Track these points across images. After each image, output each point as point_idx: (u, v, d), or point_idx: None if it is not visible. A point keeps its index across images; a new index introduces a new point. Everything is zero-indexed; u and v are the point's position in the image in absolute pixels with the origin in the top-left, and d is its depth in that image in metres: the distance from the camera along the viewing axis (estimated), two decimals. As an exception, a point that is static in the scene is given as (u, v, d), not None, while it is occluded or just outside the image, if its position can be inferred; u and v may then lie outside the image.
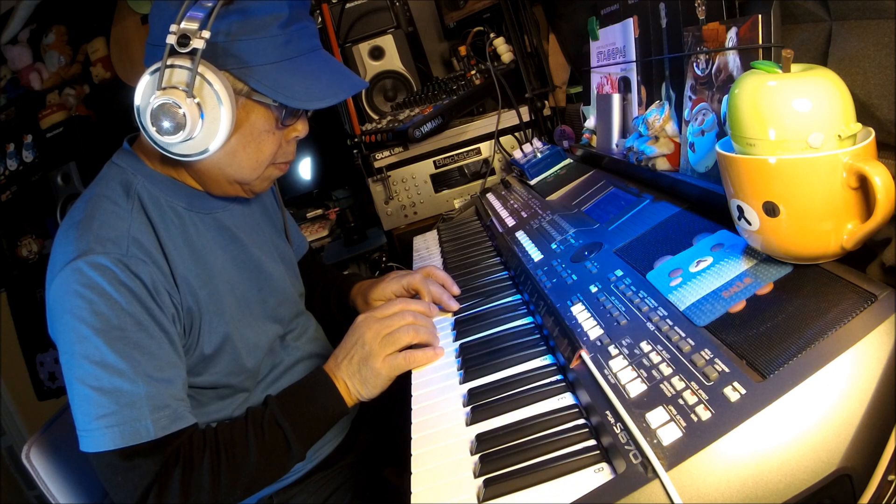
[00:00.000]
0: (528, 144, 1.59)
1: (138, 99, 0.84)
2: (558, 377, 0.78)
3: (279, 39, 0.87)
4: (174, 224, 0.95)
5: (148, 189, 0.95)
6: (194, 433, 0.87)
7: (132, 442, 0.81)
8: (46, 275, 0.88)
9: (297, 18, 0.89)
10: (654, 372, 0.63)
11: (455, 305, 1.10)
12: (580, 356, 0.73)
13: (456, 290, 1.14)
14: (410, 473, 0.70)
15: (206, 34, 0.80)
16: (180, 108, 0.82)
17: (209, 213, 1.02)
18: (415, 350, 0.95)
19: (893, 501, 0.49)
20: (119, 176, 0.95)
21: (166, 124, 0.83)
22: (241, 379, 0.99)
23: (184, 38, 0.80)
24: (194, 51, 0.81)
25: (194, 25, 0.80)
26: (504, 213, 1.43)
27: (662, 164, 1.05)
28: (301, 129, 0.98)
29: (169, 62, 0.82)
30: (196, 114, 0.82)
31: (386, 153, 1.81)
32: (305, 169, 2.36)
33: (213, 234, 1.01)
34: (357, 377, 0.94)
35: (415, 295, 1.15)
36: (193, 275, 0.94)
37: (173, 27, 0.80)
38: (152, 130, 0.84)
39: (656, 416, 0.58)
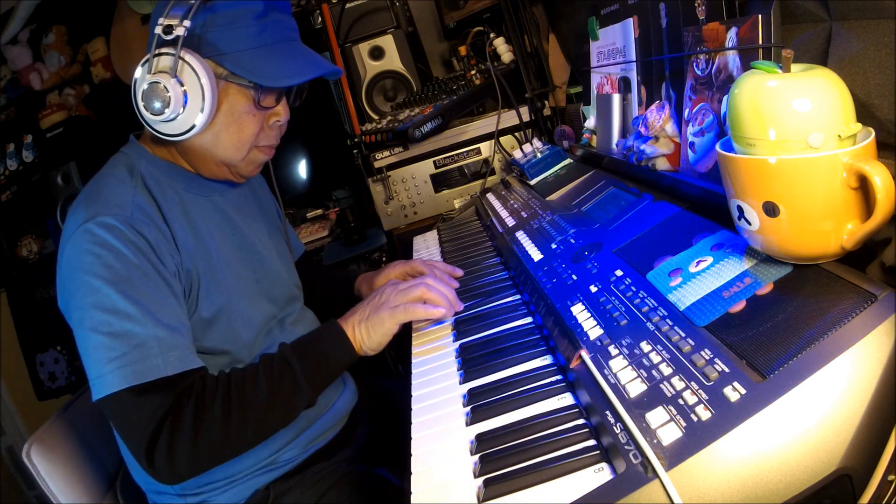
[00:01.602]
0: (528, 144, 1.59)
1: (134, 85, 0.95)
2: (558, 377, 0.78)
3: (253, 29, 0.97)
4: (174, 201, 1.02)
5: (150, 170, 1.03)
6: (206, 374, 0.92)
7: (144, 379, 0.86)
8: (58, 249, 0.95)
9: (272, 11, 0.99)
10: (654, 372, 0.63)
11: (454, 282, 1.18)
12: (580, 356, 0.73)
13: (458, 272, 1.22)
14: (410, 473, 0.70)
15: (187, 23, 0.92)
16: (166, 88, 0.92)
17: (206, 196, 1.09)
18: (416, 304, 1.00)
19: (893, 501, 0.49)
20: (124, 160, 1.04)
21: (156, 104, 0.93)
22: (238, 347, 1.04)
23: (168, 28, 0.91)
24: (177, 38, 0.92)
25: (177, 19, 0.91)
26: (504, 213, 1.43)
27: (662, 164, 1.05)
28: (281, 112, 1.05)
29: (157, 51, 0.93)
30: (180, 93, 0.93)
31: (386, 153, 1.81)
32: (305, 169, 2.36)
33: (210, 214, 1.08)
34: (364, 324, 1.00)
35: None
36: (192, 245, 1.01)
37: (161, 20, 0.92)
38: (144, 111, 0.94)
39: (656, 416, 0.58)
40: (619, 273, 0.85)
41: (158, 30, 0.91)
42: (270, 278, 1.14)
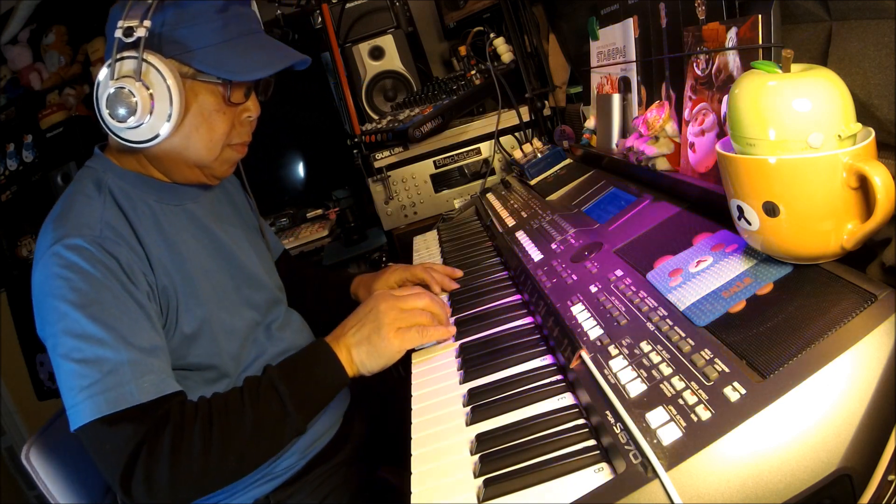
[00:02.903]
0: (528, 144, 1.59)
1: (96, 94, 0.91)
2: (558, 377, 0.78)
3: (217, 24, 0.95)
4: (146, 215, 0.99)
5: (118, 184, 0.99)
6: (185, 401, 0.87)
7: (117, 407, 0.81)
8: (32, 271, 0.90)
9: (235, 5, 0.96)
10: (654, 372, 0.63)
11: (455, 285, 1.19)
12: (580, 356, 0.73)
13: (458, 273, 1.22)
14: (410, 473, 0.70)
15: (148, 23, 0.89)
16: (132, 93, 0.89)
17: (179, 205, 1.06)
18: (427, 326, 0.96)
19: (893, 501, 0.49)
20: (91, 175, 1.00)
21: (121, 111, 0.90)
22: (224, 360, 1.01)
23: (128, 31, 0.88)
24: (138, 40, 0.89)
25: (136, 20, 0.89)
26: (504, 213, 1.43)
27: (662, 164, 1.04)
28: (252, 108, 1.03)
29: (118, 56, 0.90)
30: (146, 97, 0.90)
31: (386, 153, 1.81)
32: (305, 169, 2.36)
33: (184, 223, 1.05)
34: (365, 346, 0.94)
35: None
36: (167, 260, 0.97)
37: (120, 23, 0.88)
38: (110, 120, 0.91)
39: (656, 416, 0.58)
40: (619, 273, 0.85)
41: (118, 33, 0.88)
42: (250, 284, 1.11)
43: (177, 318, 0.96)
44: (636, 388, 0.63)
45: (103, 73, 0.91)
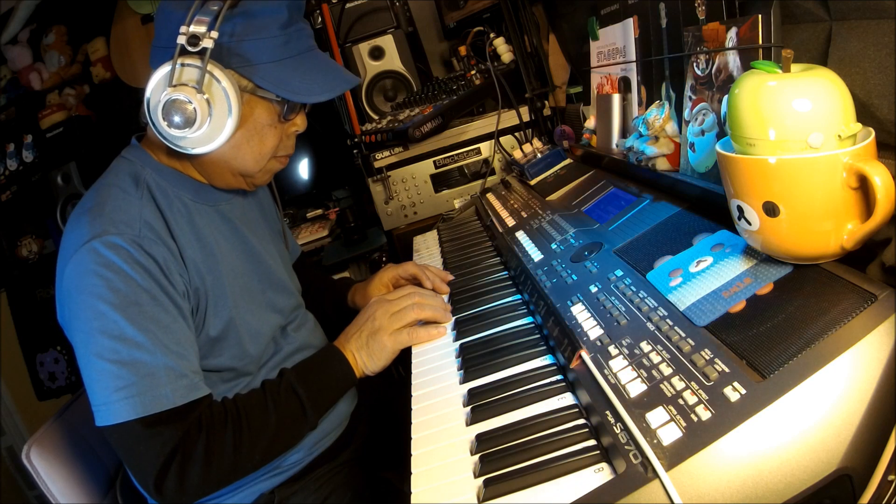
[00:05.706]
0: (528, 144, 1.59)
1: (150, 96, 0.89)
2: (558, 377, 0.78)
3: (280, 40, 0.93)
4: (181, 213, 0.99)
5: (156, 180, 0.99)
6: (213, 402, 0.91)
7: (153, 410, 0.84)
8: (58, 262, 0.91)
9: (295, 20, 0.95)
10: (654, 372, 0.63)
11: (447, 289, 1.21)
12: (580, 356, 0.73)
13: (449, 276, 1.24)
14: (410, 473, 0.70)
15: (215, 34, 0.86)
16: (191, 103, 0.87)
17: (213, 206, 1.06)
18: (418, 327, 1.04)
19: (893, 501, 0.49)
20: (128, 168, 1.00)
21: (177, 119, 0.88)
22: (245, 363, 1.02)
23: (193, 39, 0.85)
24: (203, 50, 0.86)
25: (202, 27, 0.85)
26: (504, 213, 1.43)
27: (662, 164, 1.05)
28: (300, 123, 1.04)
29: (179, 61, 0.87)
30: (205, 109, 0.88)
31: (386, 153, 1.81)
32: (305, 169, 2.36)
33: (216, 224, 1.05)
34: (365, 350, 1.02)
35: (412, 283, 1.24)
36: (200, 259, 0.98)
37: (183, 28, 0.85)
38: (163, 125, 0.88)
39: (656, 416, 0.58)
40: (619, 273, 0.85)
41: (182, 40, 0.85)
42: (276, 288, 1.12)
43: (205, 319, 0.97)
44: (636, 388, 0.63)
45: (158, 78, 0.88)
